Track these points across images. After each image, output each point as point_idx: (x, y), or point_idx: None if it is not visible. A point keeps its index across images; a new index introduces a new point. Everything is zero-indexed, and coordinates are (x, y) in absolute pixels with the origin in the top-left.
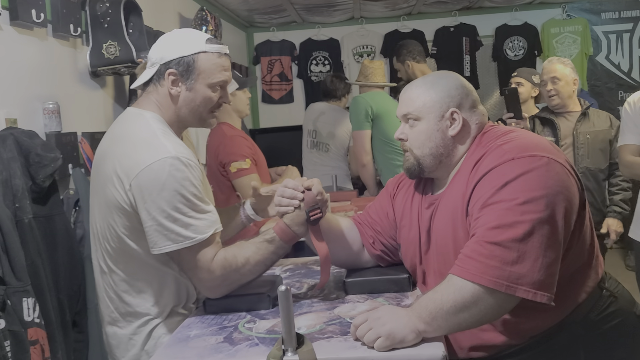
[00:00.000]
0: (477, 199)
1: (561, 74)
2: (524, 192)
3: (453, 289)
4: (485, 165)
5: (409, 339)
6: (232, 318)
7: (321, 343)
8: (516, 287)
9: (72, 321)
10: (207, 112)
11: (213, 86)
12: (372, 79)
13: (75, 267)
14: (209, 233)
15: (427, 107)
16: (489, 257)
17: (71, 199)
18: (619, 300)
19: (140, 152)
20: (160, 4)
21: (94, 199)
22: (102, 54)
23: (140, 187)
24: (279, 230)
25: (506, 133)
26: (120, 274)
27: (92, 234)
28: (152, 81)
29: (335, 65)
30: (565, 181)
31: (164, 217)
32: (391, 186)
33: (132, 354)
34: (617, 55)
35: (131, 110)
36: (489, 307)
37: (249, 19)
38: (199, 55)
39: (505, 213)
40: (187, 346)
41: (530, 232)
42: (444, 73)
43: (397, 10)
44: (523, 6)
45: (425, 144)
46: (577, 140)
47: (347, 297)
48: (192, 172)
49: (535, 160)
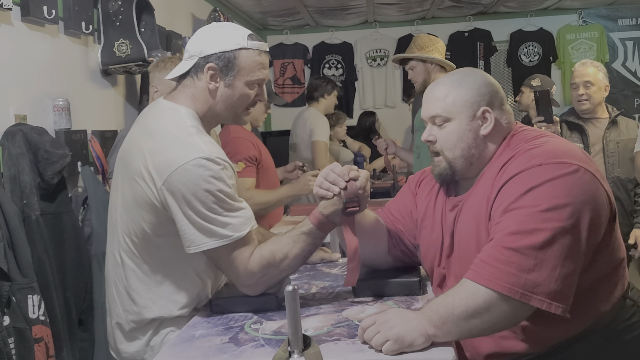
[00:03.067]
0: (500, 204)
1: (594, 78)
2: (548, 198)
3: (466, 294)
4: (512, 169)
5: (417, 342)
6: (238, 318)
7: (328, 345)
8: (531, 296)
9: (78, 319)
10: (243, 109)
11: (251, 84)
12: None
13: (83, 265)
14: (245, 231)
15: (458, 106)
16: (505, 263)
17: (79, 196)
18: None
19: (173, 151)
20: (173, 4)
21: (117, 190)
22: (114, 52)
23: (173, 188)
24: (314, 220)
25: (537, 137)
26: (136, 270)
27: (110, 226)
28: (190, 74)
29: (348, 69)
30: (594, 191)
31: (200, 217)
32: (413, 184)
33: (136, 349)
34: (634, 63)
35: (165, 104)
36: (502, 314)
37: (262, 21)
38: (240, 52)
39: (527, 219)
40: (192, 346)
41: (551, 241)
42: (469, 70)
43: (411, 14)
44: (538, 12)
45: (457, 145)
46: (607, 149)
47: (356, 300)
48: (226, 171)
49: (564, 167)
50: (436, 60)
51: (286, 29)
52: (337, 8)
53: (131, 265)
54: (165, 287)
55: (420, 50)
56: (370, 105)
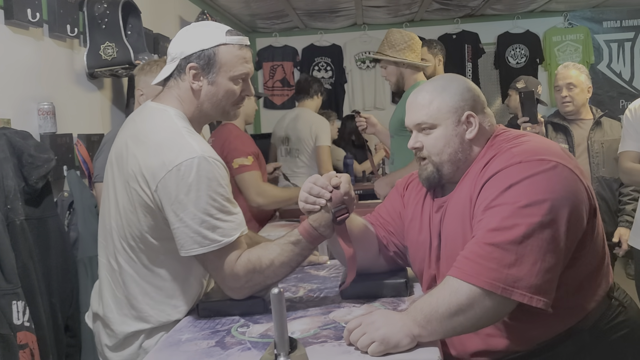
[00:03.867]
0: (482, 201)
1: (577, 80)
2: (528, 195)
3: (449, 291)
4: (493, 167)
5: (403, 343)
6: (225, 322)
7: (315, 348)
8: (512, 290)
9: (65, 325)
10: (230, 105)
11: (235, 79)
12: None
13: (69, 270)
14: (235, 236)
15: (443, 112)
16: (487, 259)
17: (65, 201)
18: (628, 310)
19: (166, 152)
20: (161, 7)
21: (109, 195)
22: (100, 55)
23: (167, 189)
24: (305, 232)
25: (518, 137)
26: (134, 275)
27: (103, 231)
28: (173, 76)
29: (338, 71)
30: (573, 187)
31: (191, 219)
32: (400, 187)
33: (129, 354)
34: (619, 64)
35: (153, 105)
36: (485, 310)
37: (251, 24)
38: (220, 48)
39: (507, 215)
40: (177, 350)
41: (529, 235)
42: (450, 76)
43: (400, 16)
44: (525, 14)
45: (444, 151)
46: (592, 149)
47: (343, 302)
48: (220, 171)
49: (543, 164)
50: (406, 63)
51: (275, 31)
52: (325, 10)
53: (129, 270)
54: (165, 292)
55: (391, 49)
56: (359, 108)
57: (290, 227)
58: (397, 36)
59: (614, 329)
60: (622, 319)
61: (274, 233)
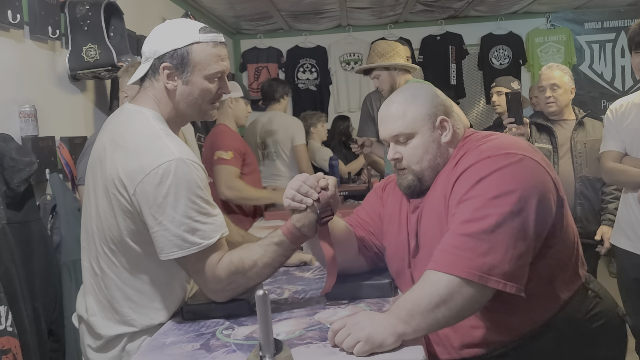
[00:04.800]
0: (455, 196)
1: (560, 81)
2: (497, 187)
3: (429, 284)
4: (464, 164)
5: (388, 342)
6: (210, 325)
7: (300, 349)
8: (488, 278)
9: (48, 330)
10: (207, 104)
11: (210, 77)
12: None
13: (52, 275)
14: (215, 238)
15: (419, 120)
16: (462, 249)
17: (48, 204)
18: (604, 301)
19: (144, 156)
20: (144, 8)
21: (89, 199)
22: (82, 57)
23: (145, 193)
24: (288, 233)
25: (486, 136)
26: (116, 279)
27: (85, 235)
28: (148, 76)
29: (323, 72)
30: (540, 177)
31: (170, 222)
32: (379, 188)
33: (111, 357)
34: (600, 65)
35: (130, 108)
36: (465, 299)
37: (236, 25)
38: (193, 47)
39: (478, 207)
40: (162, 353)
41: (500, 224)
42: (416, 85)
43: (384, 18)
44: (508, 15)
45: (424, 158)
46: (575, 149)
47: (328, 303)
48: (198, 173)
49: (510, 157)
50: (399, 66)
51: (260, 33)
52: (310, 12)
53: (111, 274)
54: (147, 296)
55: (381, 58)
56: (345, 109)
57: (275, 228)
58: (384, 45)
59: (592, 319)
60: (598, 309)
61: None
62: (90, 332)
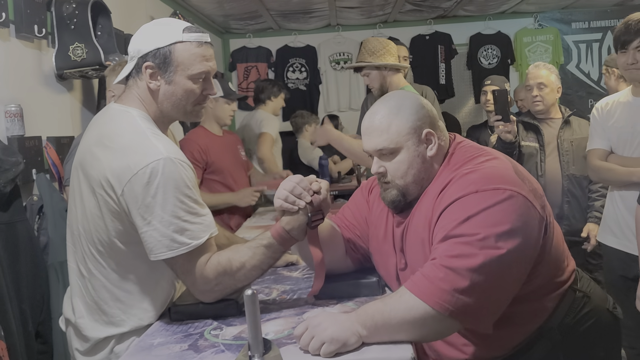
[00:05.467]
0: (440, 229)
1: (547, 80)
2: (485, 227)
3: (405, 306)
4: (450, 194)
5: (351, 342)
6: (198, 325)
7: (289, 348)
8: (459, 315)
9: (36, 332)
10: (192, 105)
11: (194, 78)
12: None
13: (39, 276)
14: (204, 238)
15: (403, 134)
16: (442, 280)
17: (35, 205)
18: (592, 299)
19: (131, 155)
20: (132, 7)
21: (75, 200)
22: (69, 56)
23: (133, 193)
24: (277, 235)
25: (474, 157)
26: (104, 281)
27: (71, 236)
28: (132, 75)
29: (312, 72)
30: (526, 215)
31: (159, 222)
32: (365, 190)
33: (100, 358)
34: (587, 64)
35: (116, 107)
36: (433, 329)
37: (225, 24)
38: (176, 46)
39: (465, 246)
40: (150, 354)
41: (485, 265)
42: (401, 94)
43: (373, 17)
44: (496, 15)
45: (408, 173)
46: (562, 147)
47: (317, 302)
48: (187, 172)
49: (499, 194)
50: (389, 66)
51: (249, 32)
52: (299, 11)
53: (99, 276)
54: (136, 297)
55: (372, 56)
56: (334, 109)
57: (265, 228)
58: (375, 43)
59: (582, 320)
60: (587, 309)
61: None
62: (78, 335)
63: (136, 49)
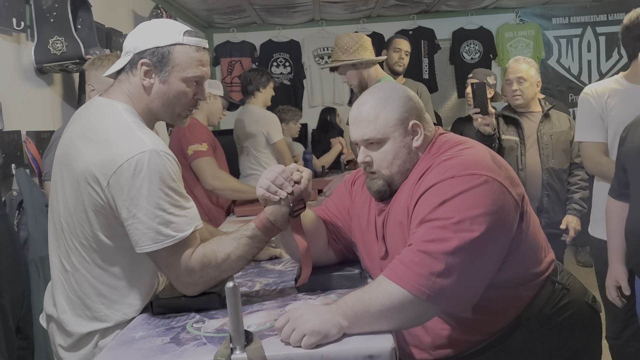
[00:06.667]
0: (417, 214)
1: (527, 74)
2: (460, 211)
3: (383, 293)
4: (428, 180)
5: (332, 333)
6: (180, 318)
7: (270, 340)
8: (436, 298)
9: (16, 328)
10: (181, 107)
11: (188, 80)
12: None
13: (19, 272)
14: (189, 230)
15: (391, 125)
16: (418, 265)
17: (14, 200)
18: (572, 291)
19: (116, 148)
20: (113, 1)
21: (57, 194)
22: (48, 49)
23: (118, 185)
24: (261, 225)
25: (453, 146)
26: (87, 275)
27: (53, 231)
28: (125, 70)
29: (297, 67)
30: (502, 200)
31: (145, 215)
32: (348, 182)
33: (85, 353)
34: (568, 59)
35: (100, 101)
36: (412, 314)
37: (208, 19)
38: (175, 47)
39: (440, 230)
40: (131, 348)
41: (460, 248)
42: (389, 86)
43: (357, 12)
44: (478, 10)
45: (394, 163)
46: (542, 141)
47: (299, 295)
48: (171, 165)
49: (474, 179)
50: (365, 61)
51: (233, 26)
52: (283, 6)
53: (82, 271)
54: (120, 291)
55: (345, 54)
56: (319, 103)
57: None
58: (347, 39)
59: (560, 311)
60: (566, 301)
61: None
62: (61, 331)
63: (133, 45)
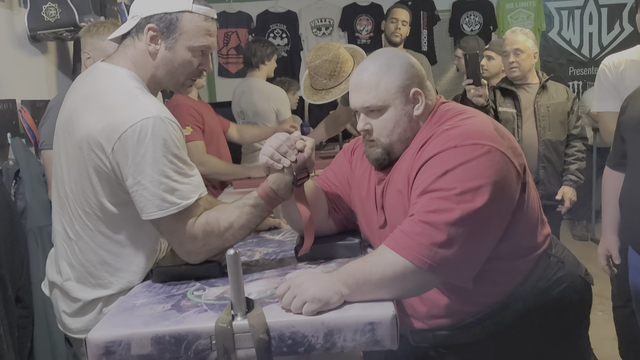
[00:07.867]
0: (419, 184)
1: (524, 46)
2: (462, 182)
3: (384, 262)
4: (430, 150)
5: (333, 300)
6: (180, 286)
7: (271, 307)
8: (437, 268)
9: (16, 297)
10: (185, 76)
11: (194, 50)
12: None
13: (17, 241)
14: (194, 198)
15: (392, 93)
16: (420, 235)
17: (11, 169)
18: (566, 265)
19: (120, 114)
20: None
21: (61, 162)
22: (42, 16)
23: (123, 151)
24: (264, 194)
25: (455, 115)
26: (91, 243)
27: (57, 199)
28: (131, 34)
29: (294, 39)
30: (504, 170)
31: (149, 182)
32: (348, 151)
33: (89, 319)
34: (569, 32)
35: (103, 66)
36: (414, 284)
37: None
38: (184, 15)
39: (442, 201)
40: (132, 314)
41: (462, 219)
42: (391, 52)
43: None
44: None
45: (394, 131)
46: (539, 113)
47: (299, 264)
48: (176, 132)
49: (477, 148)
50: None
51: None
52: None
53: (86, 238)
54: (123, 259)
55: (332, 79)
56: None
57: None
58: (327, 66)
59: (555, 284)
60: (560, 274)
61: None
62: (66, 297)
63: (142, 9)
